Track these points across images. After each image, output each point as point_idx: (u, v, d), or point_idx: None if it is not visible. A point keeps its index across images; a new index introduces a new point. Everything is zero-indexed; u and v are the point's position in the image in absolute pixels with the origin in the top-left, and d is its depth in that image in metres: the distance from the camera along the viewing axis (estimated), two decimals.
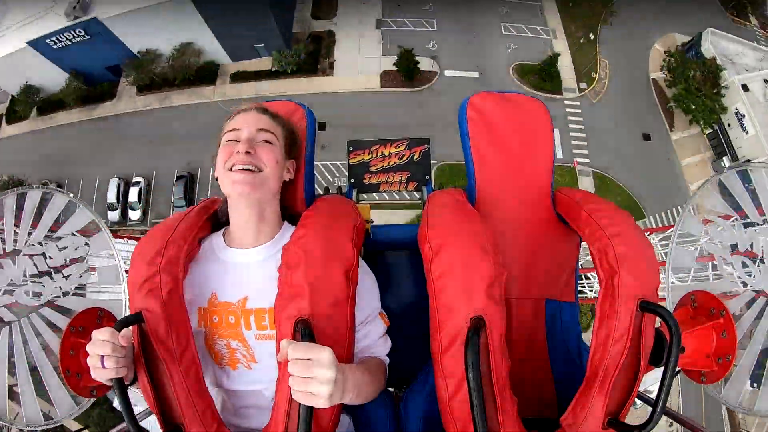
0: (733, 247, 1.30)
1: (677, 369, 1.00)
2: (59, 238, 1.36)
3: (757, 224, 1.27)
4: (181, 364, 1.00)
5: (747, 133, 15.38)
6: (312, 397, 0.83)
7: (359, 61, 16.72)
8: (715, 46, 16.23)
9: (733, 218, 1.31)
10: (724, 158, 15.87)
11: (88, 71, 16.37)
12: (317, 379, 0.83)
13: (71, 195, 1.40)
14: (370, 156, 1.64)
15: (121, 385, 0.91)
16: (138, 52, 15.77)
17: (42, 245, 1.33)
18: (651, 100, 16.79)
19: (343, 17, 17.39)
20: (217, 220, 1.25)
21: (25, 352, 1.28)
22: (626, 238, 1.04)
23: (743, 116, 15.47)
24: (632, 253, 1.01)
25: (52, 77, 16.20)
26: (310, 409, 0.87)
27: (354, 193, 1.65)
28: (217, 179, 1.16)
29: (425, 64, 16.14)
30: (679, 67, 16.11)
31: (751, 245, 1.27)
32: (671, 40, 17.56)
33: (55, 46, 15.08)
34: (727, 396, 1.22)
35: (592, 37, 17.06)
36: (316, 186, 1.39)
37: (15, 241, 1.30)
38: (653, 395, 0.91)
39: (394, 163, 1.65)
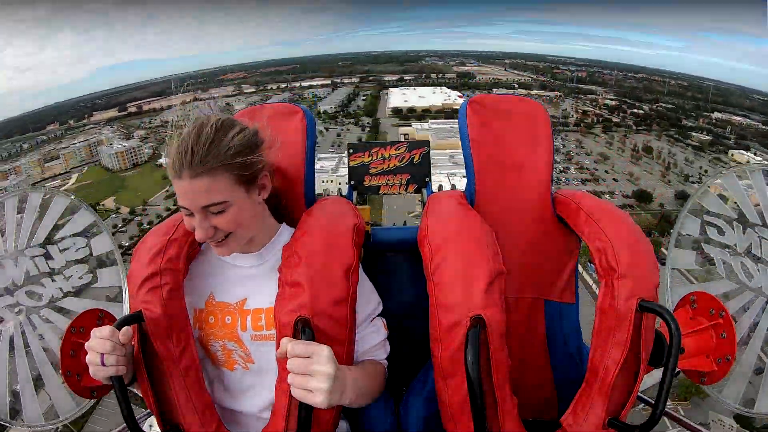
0: (733, 248, 1.30)
1: (677, 370, 1.00)
2: (60, 239, 1.36)
3: (757, 225, 1.28)
4: (180, 364, 1.00)
5: None
6: (311, 395, 0.83)
7: None
8: None
9: (733, 219, 1.31)
10: None
11: None
12: (316, 375, 0.83)
13: (73, 196, 1.40)
14: (370, 158, 1.65)
15: (121, 384, 0.92)
16: None
17: (43, 246, 1.34)
18: None
19: None
20: None
21: (26, 353, 1.28)
22: (625, 238, 1.04)
23: None
24: (631, 253, 1.01)
25: None
26: (310, 409, 0.87)
27: (354, 195, 1.65)
28: None
29: None
30: None
31: (751, 246, 1.27)
32: None
33: None
34: (727, 397, 1.22)
35: None
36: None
37: (16, 241, 1.31)
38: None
39: (395, 165, 1.66)
